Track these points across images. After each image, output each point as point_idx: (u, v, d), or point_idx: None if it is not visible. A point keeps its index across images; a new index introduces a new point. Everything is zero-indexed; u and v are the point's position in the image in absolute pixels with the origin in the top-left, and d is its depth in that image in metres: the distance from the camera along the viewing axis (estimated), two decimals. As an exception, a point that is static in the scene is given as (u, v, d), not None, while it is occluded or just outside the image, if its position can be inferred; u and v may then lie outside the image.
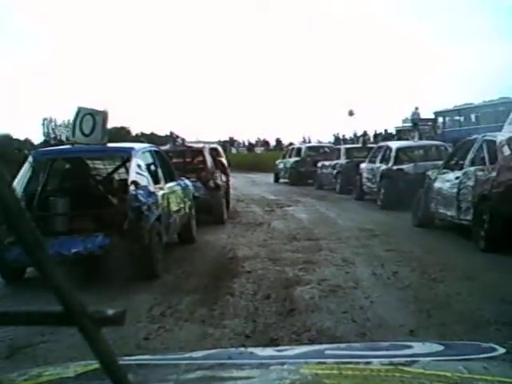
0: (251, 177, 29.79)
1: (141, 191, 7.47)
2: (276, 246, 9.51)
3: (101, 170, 9.52)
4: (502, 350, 1.35)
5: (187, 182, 10.39)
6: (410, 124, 35.96)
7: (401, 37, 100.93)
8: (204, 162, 12.94)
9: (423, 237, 10.08)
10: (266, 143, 64.73)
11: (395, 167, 14.41)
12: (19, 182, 7.76)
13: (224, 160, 15.94)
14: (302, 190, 20.60)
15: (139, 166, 7.88)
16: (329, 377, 1.13)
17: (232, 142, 61.94)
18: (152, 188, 7.90)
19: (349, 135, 41.85)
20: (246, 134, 66.70)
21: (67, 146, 8.70)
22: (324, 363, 1.25)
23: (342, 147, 21.83)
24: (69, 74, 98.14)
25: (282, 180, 26.07)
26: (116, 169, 9.39)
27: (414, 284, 6.76)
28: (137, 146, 8.74)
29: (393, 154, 14.87)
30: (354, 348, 1.65)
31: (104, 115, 8.24)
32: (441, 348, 1.46)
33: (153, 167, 8.78)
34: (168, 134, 15.48)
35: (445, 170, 10.65)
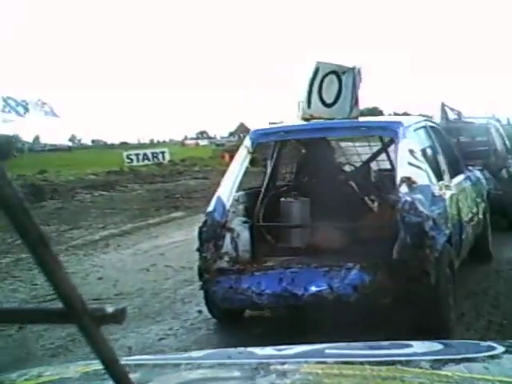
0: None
1: (419, 196, 4.46)
2: None
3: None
4: (501, 349, 1.28)
5: (477, 173, 7.11)
6: None
7: None
8: (490, 143, 9.44)
9: None
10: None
11: None
12: (231, 176, 5.19)
13: (506, 140, 12.16)
14: None
15: (412, 151, 4.80)
16: (329, 376, 1.12)
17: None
18: (436, 189, 4.83)
19: None
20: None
21: (300, 123, 5.81)
22: (324, 363, 1.21)
23: None
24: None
25: None
26: (375, 155, 6.43)
27: None
28: (406, 120, 5.63)
29: None
30: (354, 347, 1.50)
31: (355, 74, 5.36)
32: (440, 347, 1.38)
33: (430, 153, 5.64)
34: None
35: None
